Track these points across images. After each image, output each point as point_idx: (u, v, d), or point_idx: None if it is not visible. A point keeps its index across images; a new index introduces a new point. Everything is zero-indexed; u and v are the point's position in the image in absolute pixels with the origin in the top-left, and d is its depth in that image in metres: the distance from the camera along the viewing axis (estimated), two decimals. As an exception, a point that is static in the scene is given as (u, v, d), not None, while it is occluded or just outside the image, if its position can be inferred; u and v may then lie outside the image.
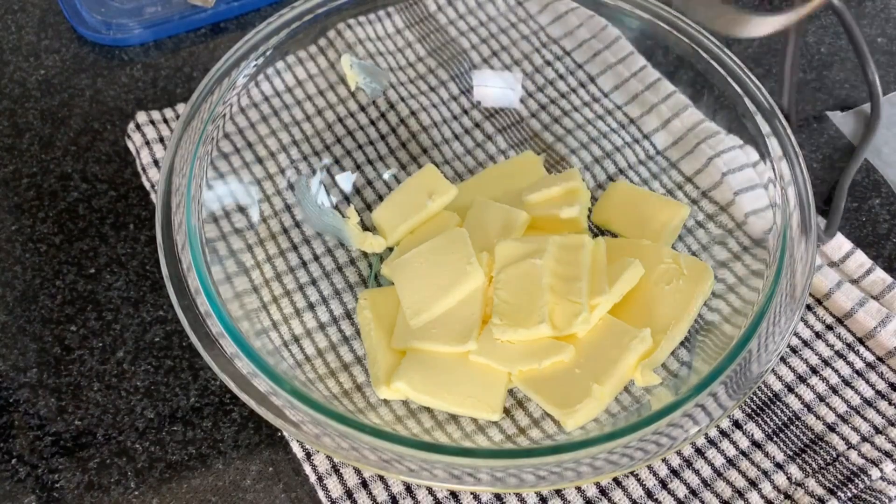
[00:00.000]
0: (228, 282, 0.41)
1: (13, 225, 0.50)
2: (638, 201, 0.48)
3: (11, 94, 0.56)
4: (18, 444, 0.43)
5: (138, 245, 0.50)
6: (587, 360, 0.40)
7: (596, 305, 0.41)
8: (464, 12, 0.56)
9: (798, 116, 0.56)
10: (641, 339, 0.40)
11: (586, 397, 0.39)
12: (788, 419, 0.43)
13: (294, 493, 0.42)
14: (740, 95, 0.45)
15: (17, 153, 0.53)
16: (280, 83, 0.50)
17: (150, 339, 0.46)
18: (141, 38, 0.59)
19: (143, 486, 0.42)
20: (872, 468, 0.41)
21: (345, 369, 0.43)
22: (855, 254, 0.48)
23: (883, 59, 0.59)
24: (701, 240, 0.47)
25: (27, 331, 0.46)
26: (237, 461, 0.43)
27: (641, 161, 0.50)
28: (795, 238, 0.41)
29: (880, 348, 0.45)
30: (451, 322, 0.42)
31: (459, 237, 0.44)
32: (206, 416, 0.44)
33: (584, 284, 0.42)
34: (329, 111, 0.52)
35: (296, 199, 0.48)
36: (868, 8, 0.63)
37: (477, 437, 0.41)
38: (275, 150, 0.49)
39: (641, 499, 0.41)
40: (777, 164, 0.43)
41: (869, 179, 0.53)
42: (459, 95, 0.54)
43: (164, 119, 0.53)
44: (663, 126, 0.50)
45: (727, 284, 0.44)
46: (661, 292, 0.43)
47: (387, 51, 0.54)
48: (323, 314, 0.45)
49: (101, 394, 0.44)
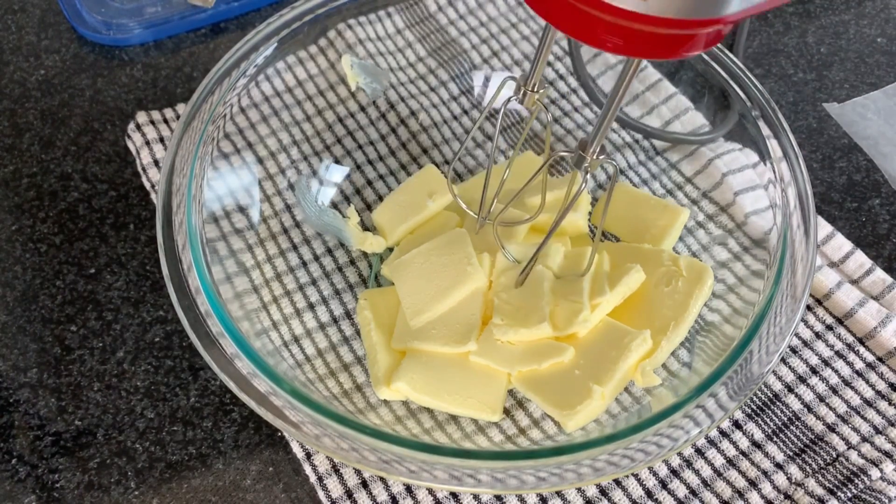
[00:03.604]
0: (229, 282, 0.41)
1: (13, 225, 0.50)
2: (637, 204, 0.48)
3: (11, 94, 0.56)
4: (18, 444, 0.43)
5: (138, 245, 0.50)
6: (587, 361, 0.40)
7: (597, 305, 0.41)
8: (464, 13, 0.56)
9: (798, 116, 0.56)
10: (641, 340, 0.40)
11: (586, 398, 0.39)
12: (788, 419, 0.43)
13: (294, 493, 0.42)
14: (740, 96, 0.45)
15: (17, 153, 0.53)
16: (280, 83, 0.50)
17: (150, 339, 0.46)
18: (141, 38, 0.59)
19: (143, 486, 0.42)
20: (872, 468, 0.41)
21: (345, 369, 0.43)
22: (855, 254, 0.48)
23: (883, 60, 0.59)
24: (701, 240, 0.47)
25: (27, 331, 0.46)
26: (237, 461, 0.43)
27: (641, 162, 0.50)
28: (796, 238, 0.41)
29: (880, 348, 0.45)
30: (452, 323, 0.42)
31: (459, 237, 0.44)
32: (206, 416, 0.44)
33: (585, 284, 0.42)
34: (329, 111, 0.52)
35: (296, 199, 0.48)
36: (868, 8, 0.63)
37: (477, 438, 0.41)
38: (275, 150, 0.49)
39: (641, 499, 0.41)
40: (777, 165, 0.43)
41: (869, 179, 0.53)
42: (459, 96, 0.54)
43: (165, 119, 0.53)
44: (664, 127, 0.50)
45: (727, 285, 0.44)
46: (661, 294, 0.43)
47: (387, 51, 0.54)
48: (323, 314, 0.45)
49: (101, 394, 0.44)
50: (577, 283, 0.42)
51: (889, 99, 0.57)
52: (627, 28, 0.26)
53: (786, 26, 0.62)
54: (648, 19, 0.25)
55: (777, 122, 0.44)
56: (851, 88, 0.58)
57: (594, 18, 0.26)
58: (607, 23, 0.26)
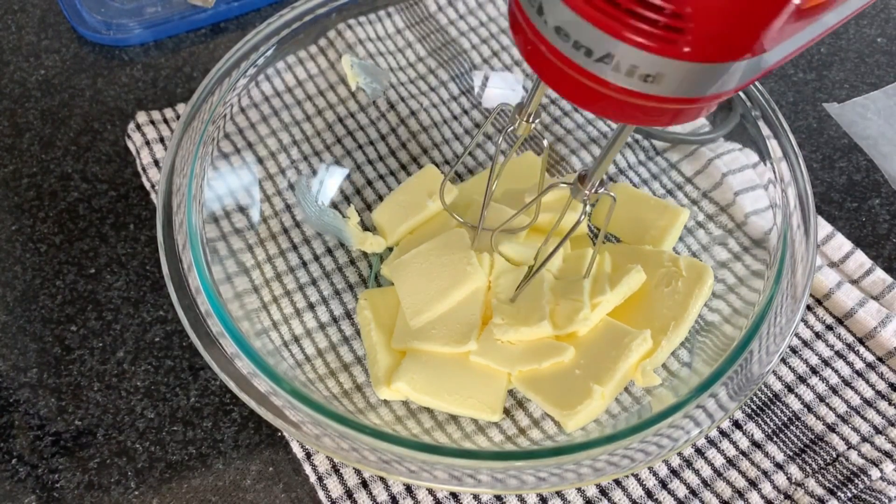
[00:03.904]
0: (229, 282, 0.41)
1: (13, 225, 0.50)
2: (638, 204, 0.48)
3: (11, 94, 0.56)
4: (18, 444, 0.43)
5: (138, 245, 0.50)
6: (587, 360, 0.40)
7: (597, 304, 0.41)
8: (464, 13, 0.56)
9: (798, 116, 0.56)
10: (642, 339, 0.40)
11: (587, 398, 0.39)
12: (788, 419, 0.43)
13: (294, 493, 0.42)
14: (740, 96, 0.45)
15: (17, 153, 0.53)
16: (280, 83, 0.50)
17: (150, 339, 0.46)
18: (141, 38, 0.59)
19: (143, 486, 0.42)
20: (872, 468, 0.41)
21: (345, 369, 0.43)
22: (855, 254, 0.48)
23: (883, 60, 0.59)
24: (701, 240, 0.47)
25: (27, 331, 0.46)
26: (237, 461, 0.43)
27: (641, 162, 0.50)
28: (796, 238, 0.41)
29: (880, 348, 0.45)
30: (451, 322, 0.42)
31: (459, 238, 0.44)
32: (206, 416, 0.44)
33: (586, 284, 0.42)
34: (329, 111, 0.52)
35: (296, 199, 0.48)
36: (868, 8, 0.63)
37: (477, 438, 0.41)
38: (275, 150, 0.49)
39: (641, 499, 0.41)
40: (777, 165, 0.43)
41: (869, 179, 0.53)
42: (459, 96, 0.54)
43: (165, 119, 0.53)
44: (663, 127, 0.50)
45: (727, 285, 0.44)
46: (661, 295, 0.43)
47: (387, 51, 0.54)
48: (323, 314, 0.45)
49: (101, 394, 0.44)
50: (577, 282, 0.42)
51: (889, 99, 0.57)
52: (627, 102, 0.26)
53: (786, 26, 0.61)
54: (652, 98, 0.25)
55: (777, 122, 0.44)
56: (851, 88, 0.58)
57: (595, 92, 0.26)
58: (607, 96, 0.26)
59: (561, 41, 0.25)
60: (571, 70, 0.25)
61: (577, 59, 0.25)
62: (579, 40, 0.24)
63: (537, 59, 0.27)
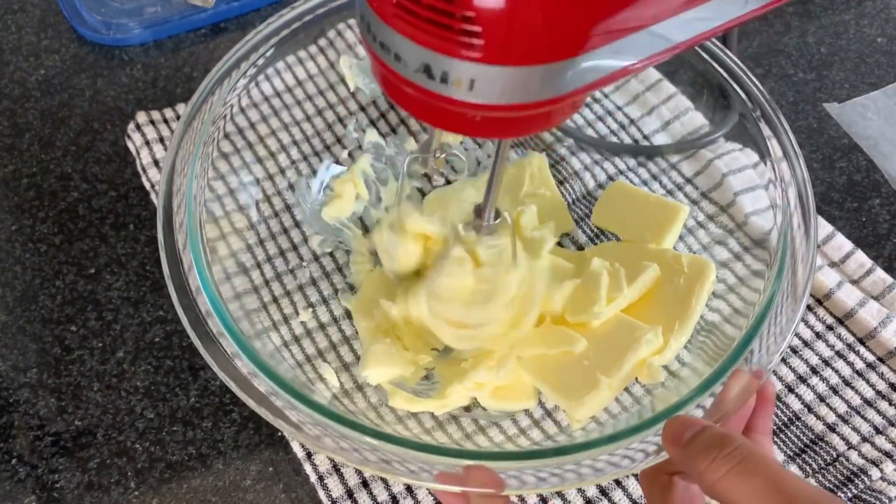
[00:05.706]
0: (229, 282, 0.41)
1: (13, 225, 0.50)
2: (637, 202, 0.48)
3: (11, 94, 0.56)
4: (18, 444, 0.43)
5: (138, 245, 0.49)
6: (596, 352, 0.41)
7: (613, 299, 0.41)
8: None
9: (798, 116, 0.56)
10: (653, 335, 0.40)
11: (593, 389, 0.39)
12: (789, 419, 0.43)
13: (294, 493, 0.42)
14: (740, 96, 0.45)
15: (17, 153, 0.53)
16: (280, 83, 0.50)
17: (150, 339, 0.46)
18: (141, 38, 0.59)
19: (143, 486, 0.42)
20: (872, 468, 0.41)
21: (345, 369, 0.43)
22: (855, 254, 0.48)
23: (883, 60, 0.60)
24: (701, 240, 0.47)
25: (27, 331, 0.46)
26: (237, 461, 0.42)
27: (641, 163, 0.50)
28: (796, 238, 0.41)
29: (880, 348, 0.45)
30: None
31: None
32: (206, 417, 0.44)
33: (603, 279, 0.42)
34: (329, 111, 0.51)
35: (296, 199, 0.48)
36: (868, 8, 0.63)
37: (477, 438, 0.41)
38: (275, 150, 0.49)
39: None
40: (777, 165, 0.43)
41: (869, 179, 0.53)
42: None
43: (165, 119, 0.53)
44: (664, 128, 0.50)
45: (728, 285, 0.44)
46: (664, 292, 0.43)
47: (387, 51, 0.53)
48: (323, 314, 0.45)
49: (101, 394, 0.44)
50: (596, 276, 0.42)
51: (889, 99, 0.57)
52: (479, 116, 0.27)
53: (786, 26, 0.62)
54: (476, 106, 0.26)
55: (777, 122, 0.44)
56: (851, 88, 0.58)
57: (427, 104, 0.27)
58: (448, 110, 0.26)
59: (384, 53, 0.26)
60: (405, 86, 0.26)
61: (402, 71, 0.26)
62: (398, 52, 0.25)
63: (385, 82, 0.28)
